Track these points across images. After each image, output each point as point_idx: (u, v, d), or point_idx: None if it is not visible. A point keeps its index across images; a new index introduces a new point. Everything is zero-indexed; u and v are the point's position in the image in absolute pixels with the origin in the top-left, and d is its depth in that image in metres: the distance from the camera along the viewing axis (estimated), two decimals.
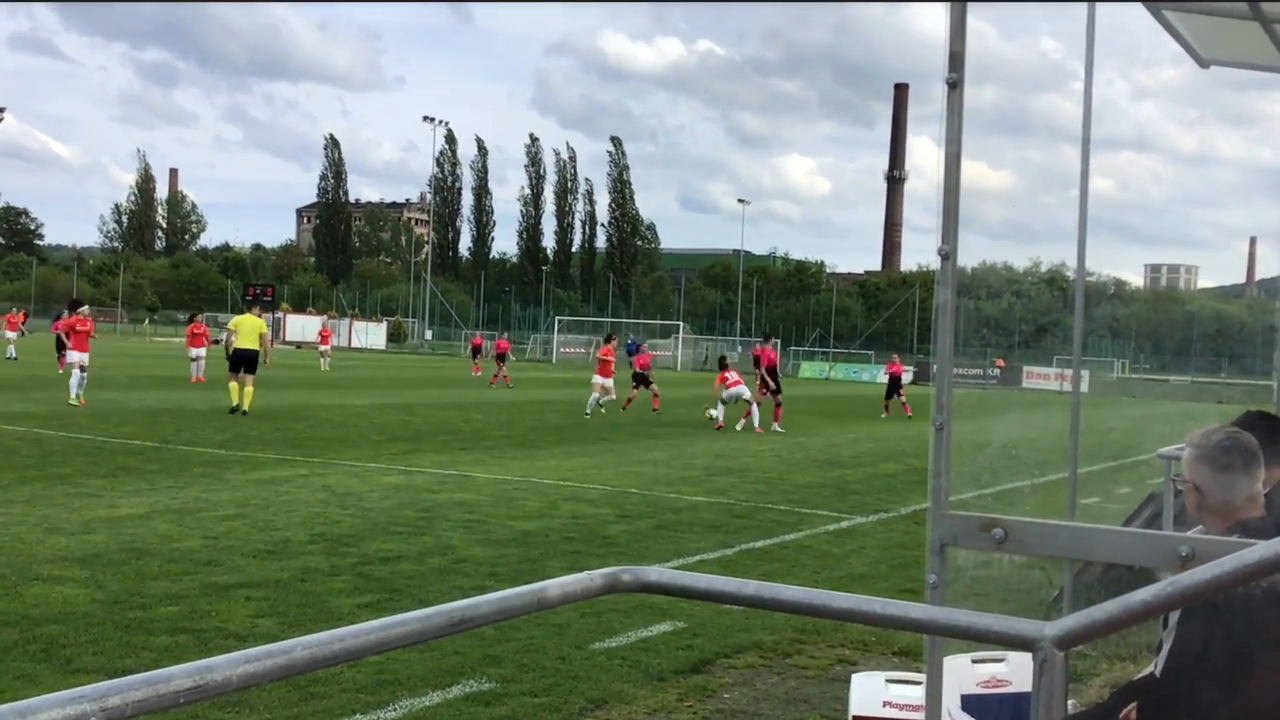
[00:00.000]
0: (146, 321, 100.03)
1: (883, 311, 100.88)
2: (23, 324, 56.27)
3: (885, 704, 4.13)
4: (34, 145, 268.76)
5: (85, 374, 21.99)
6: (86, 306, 24.37)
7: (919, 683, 4.04)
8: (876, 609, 1.70)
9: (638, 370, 29.52)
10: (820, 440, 22.25)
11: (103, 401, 22.41)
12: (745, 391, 24.35)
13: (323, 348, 46.55)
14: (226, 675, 1.37)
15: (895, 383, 31.87)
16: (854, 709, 4.23)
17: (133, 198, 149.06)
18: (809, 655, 6.77)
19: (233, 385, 21.36)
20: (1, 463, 13.16)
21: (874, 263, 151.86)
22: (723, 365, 25.87)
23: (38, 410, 20.03)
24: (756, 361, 26.56)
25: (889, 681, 4.28)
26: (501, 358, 38.55)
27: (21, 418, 18.53)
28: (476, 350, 48.39)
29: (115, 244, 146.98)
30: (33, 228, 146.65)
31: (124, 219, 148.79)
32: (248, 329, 22.08)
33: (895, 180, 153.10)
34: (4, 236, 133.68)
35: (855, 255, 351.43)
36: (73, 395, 21.37)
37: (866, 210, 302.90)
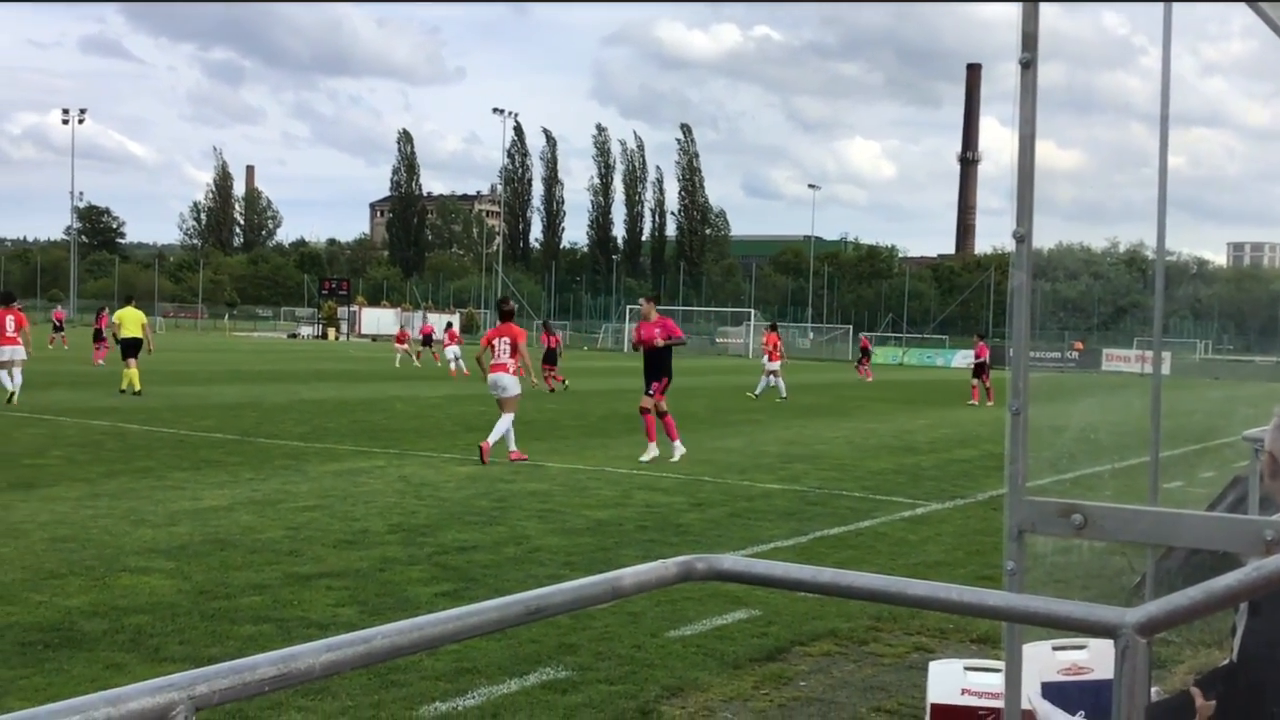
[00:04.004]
0: (226, 317, 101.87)
1: (957, 295, 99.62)
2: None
3: (964, 691, 4.10)
4: (110, 145, 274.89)
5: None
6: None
7: (998, 670, 4.00)
8: (953, 596, 1.69)
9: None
10: (894, 426, 22.06)
11: (185, 396, 22.88)
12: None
13: (450, 348, 38.77)
14: (310, 663, 1.39)
15: (982, 366, 31.22)
16: (932, 696, 4.20)
17: (210, 195, 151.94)
18: (885, 643, 6.73)
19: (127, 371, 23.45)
20: (88, 457, 13.49)
21: (947, 246, 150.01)
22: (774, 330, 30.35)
23: (120, 405, 20.50)
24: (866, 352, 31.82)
25: (967, 669, 4.24)
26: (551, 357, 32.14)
27: (106, 412, 18.98)
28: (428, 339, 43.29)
29: (194, 241, 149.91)
30: (115, 226, 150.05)
31: (202, 216, 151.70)
32: (130, 320, 24.93)
33: (968, 162, 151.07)
34: (87, 235, 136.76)
35: (927, 239, 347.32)
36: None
37: (936, 193, 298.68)
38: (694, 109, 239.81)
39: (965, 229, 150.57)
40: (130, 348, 24.03)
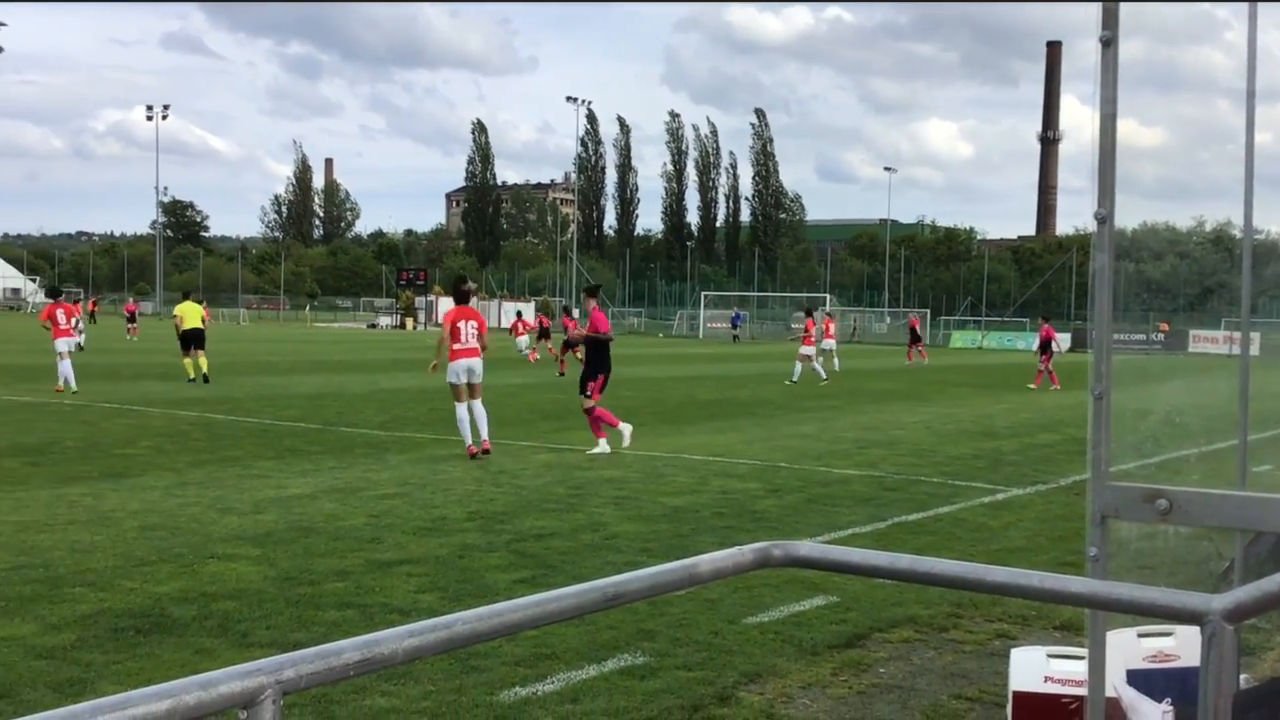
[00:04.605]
0: (307, 308, 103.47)
1: (1038, 277, 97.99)
2: (93, 311, 59.83)
3: (1046, 679, 4.04)
4: (192, 140, 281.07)
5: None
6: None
7: (1081, 658, 3.94)
8: (1034, 583, 1.67)
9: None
10: (973, 411, 21.79)
11: (268, 386, 23.31)
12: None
13: (522, 338, 39.50)
14: (393, 648, 1.42)
15: (1044, 347, 30.74)
16: (1014, 684, 4.15)
17: (290, 188, 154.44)
18: (966, 629, 6.66)
19: (186, 361, 24.71)
20: (176, 446, 13.81)
21: (1027, 227, 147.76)
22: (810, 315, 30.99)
23: (205, 396, 20.93)
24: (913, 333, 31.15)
25: (1050, 656, 4.18)
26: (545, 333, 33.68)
27: (192, 403, 19.40)
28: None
29: (276, 233, 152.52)
30: (198, 220, 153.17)
31: (283, 209, 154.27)
32: (190, 313, 25.83)
33: (1049, 141, 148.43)
34: (172, 229, 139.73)
35: (1006, 220, 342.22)
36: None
37: (1014, 173, 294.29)
38: (766, 93, 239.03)
39: (1046, 209, 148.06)
40: (193, 339, 25.04)
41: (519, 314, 42.78)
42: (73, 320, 23.40)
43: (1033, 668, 4.12)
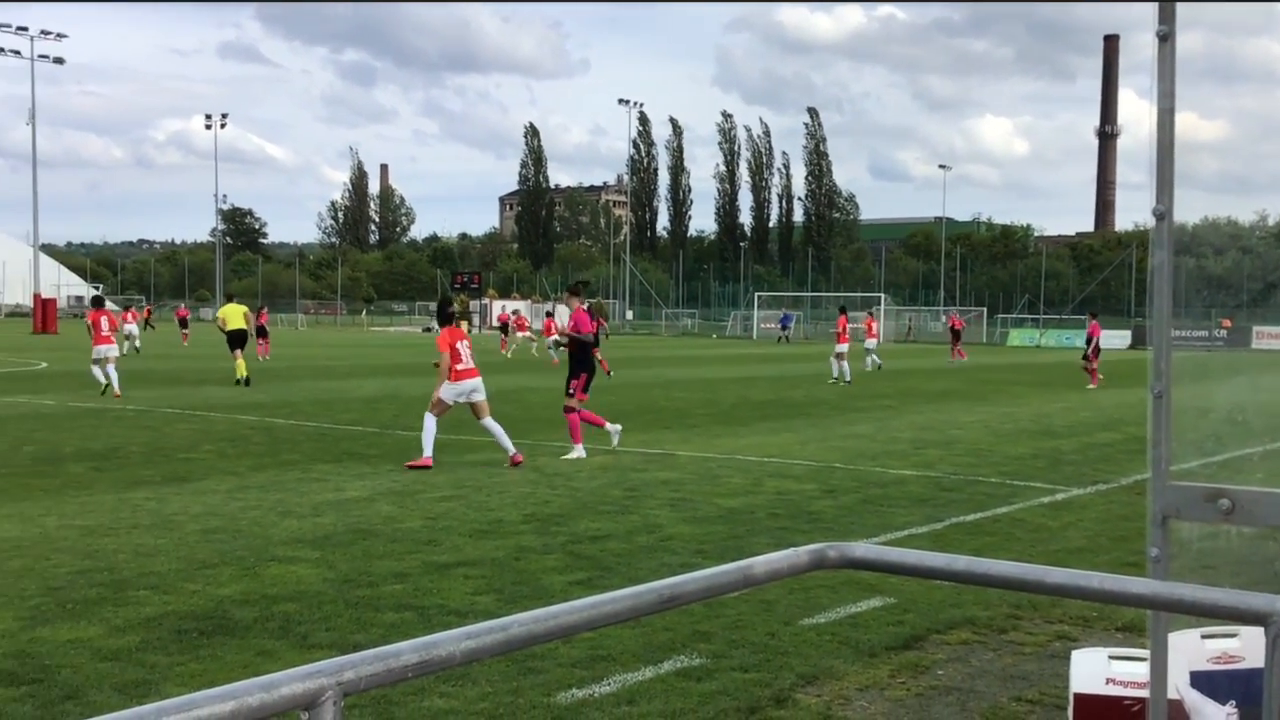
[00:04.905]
0: (364, 313, 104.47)
1: (1097, 274, 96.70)
2: (147, 318, 61.66)
3: (1108, 681, 3.99)
4: (250, 148, 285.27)
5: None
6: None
7: (1144, 659, 3.89)
8: (1094, 584, 1.66)
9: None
10: (1031, 410, 21.55)
11: (326, 390, 23.56)
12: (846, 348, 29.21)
13: (552, 336, 42.85)
14: (450, 650, 1.43)
15: (1089, 344, 30.33)
16: (1075, 686, 4.10)
17: (347, 194, 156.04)
18: (1026, 631, 6.59)
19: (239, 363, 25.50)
20: (237, 451, 14.00)
21: (1085, 224, 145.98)
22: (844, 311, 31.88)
23: (265, 401, 21.20)
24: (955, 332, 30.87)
25: (1112, 658, 4.13)
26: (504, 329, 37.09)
27: (252, 408, 19.65)
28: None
29: (332, 239, 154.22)
30: (257, 227, 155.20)
31: (339, 215, 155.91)
32: (233, 315, 26.91)
33: (1107, 136, 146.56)
34: (231, 236, 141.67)
35: (1063, 217, 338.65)
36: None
37: (1072, 169, 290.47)
38: (817, 92, 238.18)
39: (1105, 205, 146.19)
40: (236, 340, 26.15)
41: (550, 314, 42.82)
42: (120, 328, 23.86)
43: (1094, 670, 4.07)
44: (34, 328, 65.84)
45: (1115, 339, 67.74)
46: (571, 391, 14.15)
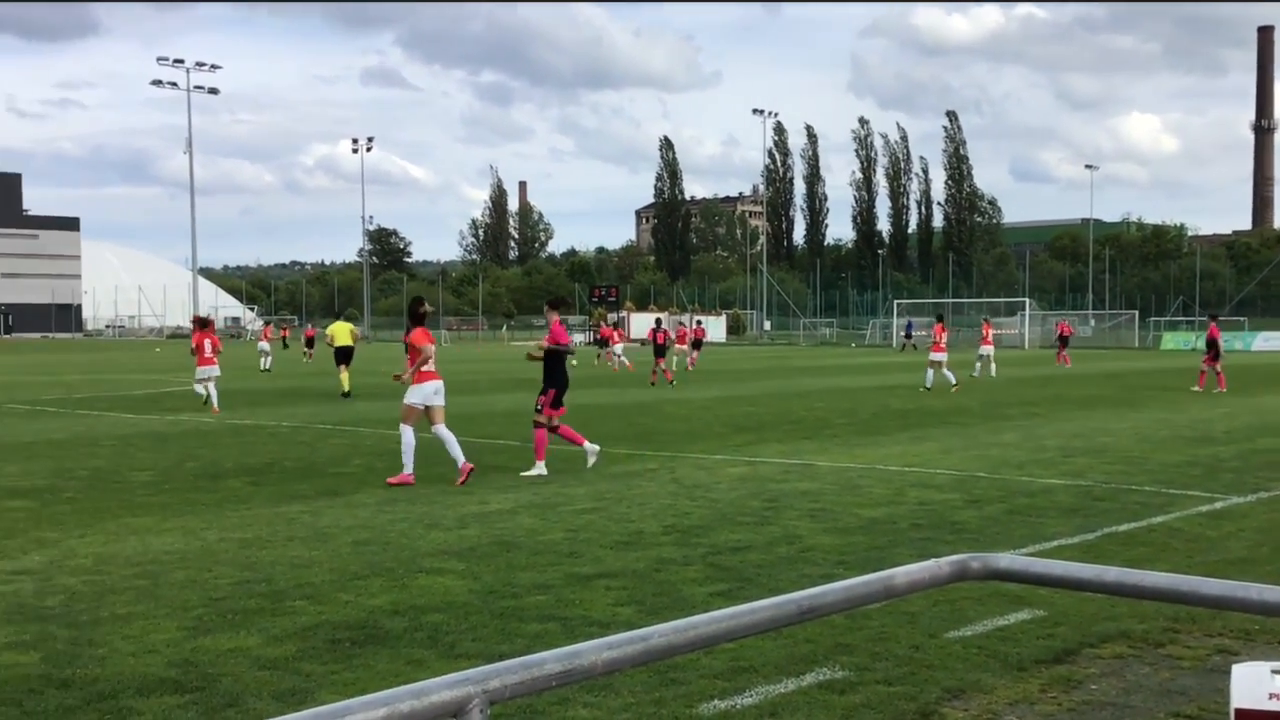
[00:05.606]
0: (504, 327, 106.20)
1: (1255, 274, 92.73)
2: (284, 336, 64.48)
3: (1272, 696, 3.83)
4: (394, 170, 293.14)
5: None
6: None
7: None
8: (1253, 595, 1.60)
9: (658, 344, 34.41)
10: (1187, 416, 20.77)
11: (469, 405, 24.02)
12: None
13: (617, 345, 43.59)
14: (592, 660, 1.46)
15: (1211, 346, 28.98)
16: (1235, 701, 3.94)
17: (487, 211, 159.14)
18: (1184, 645, 6.35)
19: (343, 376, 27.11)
20: (386, 465, 14.36)
21: (1242, 222, 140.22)
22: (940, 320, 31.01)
23: None
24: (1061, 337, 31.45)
25: (1275, 672, 3.96)
26: (660, 351, 34.25)
27: (397, 423, 20.10)
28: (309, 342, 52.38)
29: (473, 256, 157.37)
30: (402, 246, 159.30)
31: (480, 232, 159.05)
32: (341, 331, 28.84)
33: (1264, 130, 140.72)
34: (378, 256, 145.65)
35: (1218, 215, 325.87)
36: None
37: (1226, 166, 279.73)
38: (954, 95, 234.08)
39: (1263, 202, 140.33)
40: (343, 355, 27.74)
41: (659, 322, 40.25)
42: (220, 349, 24.26)
43: (1257, 684, 3.90)
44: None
45: (1278, 341, 64.82)
46: (540, 406, 13.89)
